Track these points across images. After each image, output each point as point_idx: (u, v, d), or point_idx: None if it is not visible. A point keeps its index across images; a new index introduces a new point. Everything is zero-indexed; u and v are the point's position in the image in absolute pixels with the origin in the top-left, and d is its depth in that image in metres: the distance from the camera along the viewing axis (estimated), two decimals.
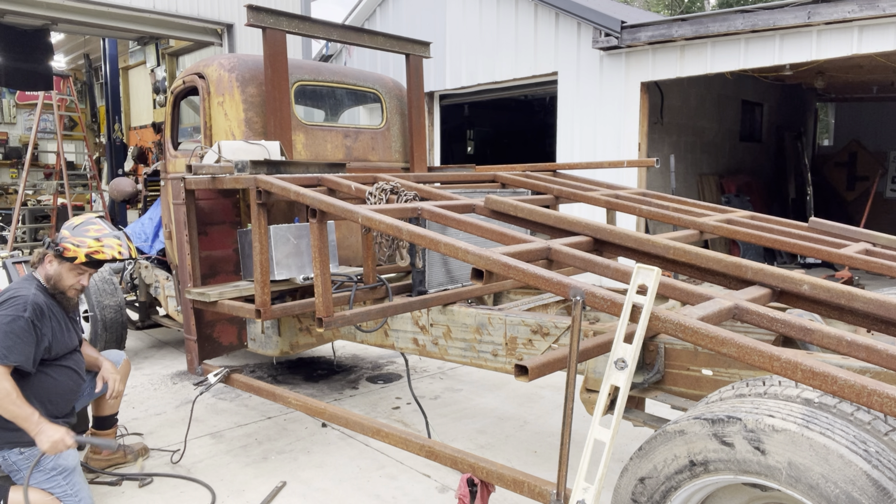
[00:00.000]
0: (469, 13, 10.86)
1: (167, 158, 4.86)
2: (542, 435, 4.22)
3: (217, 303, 3.75)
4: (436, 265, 3.72)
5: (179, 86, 4.75)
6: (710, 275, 2.59)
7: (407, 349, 3.82)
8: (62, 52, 13.46)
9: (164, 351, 6.33)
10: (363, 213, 2.78)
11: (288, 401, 3.62)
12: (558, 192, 4.02)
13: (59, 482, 2.98)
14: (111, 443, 3.52)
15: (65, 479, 3.00)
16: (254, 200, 3.36)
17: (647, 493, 1.99)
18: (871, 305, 2.17)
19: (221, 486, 3.57)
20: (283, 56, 4.36)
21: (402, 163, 5.38)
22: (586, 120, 9.40)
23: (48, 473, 2.96)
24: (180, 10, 9.15)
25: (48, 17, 8.44)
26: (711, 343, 1.87)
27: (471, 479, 2.70)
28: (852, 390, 1.64)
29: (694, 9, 26.08)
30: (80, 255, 3.12)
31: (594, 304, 2.09)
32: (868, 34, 6.92)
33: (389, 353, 6.05)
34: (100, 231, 3.18)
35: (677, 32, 8.08)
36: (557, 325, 3.12)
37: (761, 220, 3.58)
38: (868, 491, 1.59)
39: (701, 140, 11.32)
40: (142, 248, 5.66)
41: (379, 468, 3.76)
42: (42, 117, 11.16)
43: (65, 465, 3.01)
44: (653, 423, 2.74)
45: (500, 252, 2.36)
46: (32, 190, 12.83)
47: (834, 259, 2.91)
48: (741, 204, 11.10)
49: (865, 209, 11.02)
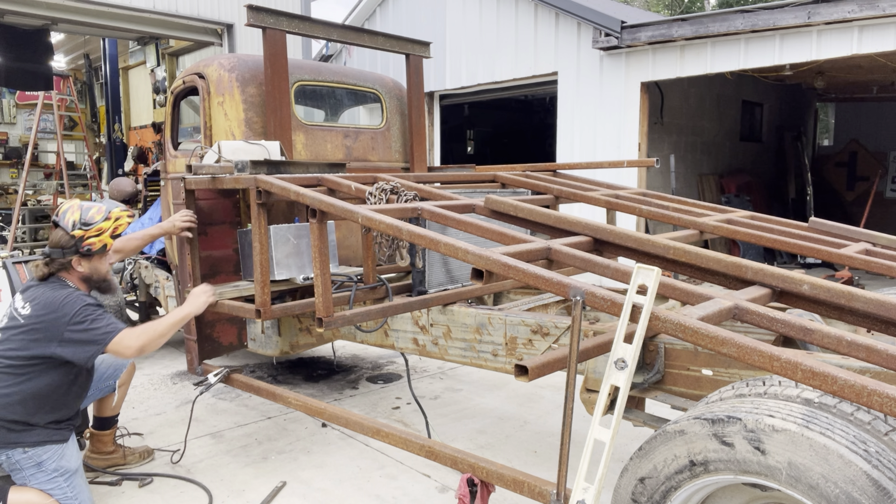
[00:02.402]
0: (469, 13, 10.86)
1: (167, 158, 4.86)
2: (542, 435, 4.22)
3: (217, 303, 3.75)
4: (436, 265, 3.72)
5: (179, 86, 4.74)
6: (710, 275, 2.59)
7: (407, 349, 3.82)
8: (62, 52, 13.45)
9: (164, 351, 6.33)
10: (363, 213, 2.78)
11: (288, 401, 3.62)
12: (558, 192, 4.02)
13: (60, 484, 2.96)
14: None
15: (66, 480, 2.98)
16: (254, 200, 3.36)
17: (647, 493, 1.99)
18: (871, 305, 2.17)
19: (221, 486, 3.57)
20: (283, 56, 4.36)
21: (402, 163, 5.38)
22: (586, 120, 9.40)
23: (50, 474, 2.94)
24: (180, 10, 9.15)
25: (48, 17, 8.43)
26: (711, 343, 1.87)
27: (471, 479, 2.70)
28: (852, 390, 1.64)
29: (694, 9, 26.07)
30: (108, 241, 3.08)
31: (594, 304, 2.09)
32: (868, 34, 6.92)
33: (389, 353, 6.05)
34: (98, 209, 3.10)
35: (677, 32, 8.07)
36: (557, 325, 3.12)
37: (761, 220, 3.58)
38: (868, 491, 1.59)
39: (701, 140, 11.32)
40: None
41: (379, 468, 3.76)
42: (42, 117, 11.16)
43: (67, 466, 2.99)
44: (653, 423, 2.74)
45: (500, 252, 2.36)
46: (32, 190, 12.83)
47: (834, 259, 2.91)
48: (741, 204, 11.09)
49: (865, 209, 11.02)
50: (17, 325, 2.91)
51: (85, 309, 2.91)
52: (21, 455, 2.93)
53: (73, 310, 2.89)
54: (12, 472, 2.98)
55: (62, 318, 2.87)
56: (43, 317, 2.88)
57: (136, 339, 2.98)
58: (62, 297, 2.93)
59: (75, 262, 3.03)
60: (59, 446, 2.99)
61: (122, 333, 2.94)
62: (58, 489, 2.95)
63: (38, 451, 2.93)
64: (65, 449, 3.01)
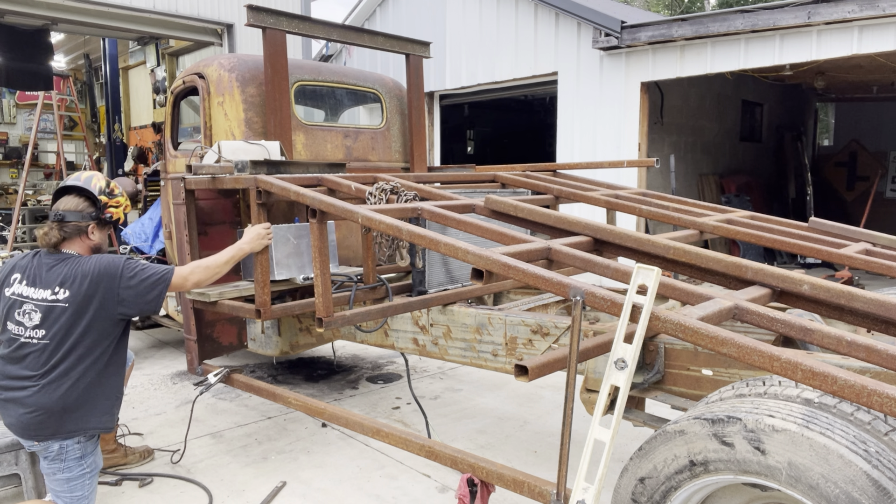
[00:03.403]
0: (469, 13, 10.86)
1: (167, 158, 4.86)
2: (542, 435, 4.22)
3: (217, 303, 3.75)
4: (436, 265, 3.72)
5: (179, 86, 4.74)
6: (710, 275, 2.59)
7: (407, 349, 3.82)
8: (62, 52, 13.44)
9: (164, 351, 6.33)
10: (363, 213, 2.78)
11: (288, 401, 3.62)
12: (558, 192, 4.02)
13: (86, 480, 2.82)
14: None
15: (91, 477, 2.85)
16: (254, 200, 3.36)
17: (647, 493, 1.99)
18: (871, 305, 2.17)
19: (221, 486, 3.57)
20: (283, 56, 4.36)
21: (402, 163, 5.38)
22: (586, 120, 9.40)
23: (85, 469, 2.79)
24: (180, 10, 9.14)
25: (48, 17, 8.43)
26: (711, 343, 1.87)
27: (471, 479, 2.70)
28: (852, 390, 1.64)
29: (694, 9, 26.07)
30: (121, 216, 3.01)
31: (594, 304, 2.09)
32: (868, 34, 6.92)
33: (389, 353, 6.05)
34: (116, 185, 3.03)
35: (677, 32, 8.07)
36: (557, 325, 3.12)
37: (761, 220, 3.58)
38: (868, 491, 1.59)
39: (701, 140, 11.32)
40: (142, 248, 5.65)
41: (379, 468, 3.76)
42: (42, 117, 11.15)
43: (98, 463, 2.88)
44: (653, 423, 2.74)
45: (500, 252, 2.36)
46: (32, 190, 12.82)
47: (834, 259, 2.91)
48: (741, 204, 11.09)
49: (865, 209, 11.02)
50: (61, 311, 2.71)
51: (127, 262, 2.83)
52: (74, 444, 2.76)
53: (117, 269, 2.78)
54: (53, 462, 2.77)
55: (112, 280, 2.75)
56: (89, 288, 2.72)
57: (192, 275, 3.00)
58: (95, 264, 2.78)
59: (91, 230, 2.88)
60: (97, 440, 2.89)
61: (178, 270, 2.94)
62: (81, 486, 2.81)
63: (90, 443, 2.80)
64: (98, 443, 2.91)
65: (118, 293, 2.77)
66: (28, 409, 2.68)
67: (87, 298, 2.73)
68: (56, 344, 2.71)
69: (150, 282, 2.84)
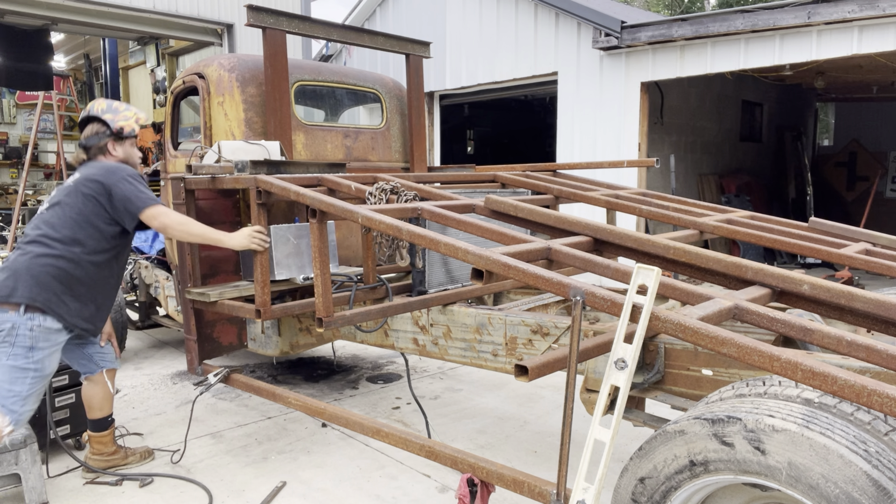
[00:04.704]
0: (469, 13, 10.86)
1: (167, 158, 4.86)
2: (542, 435, 4.22)
3: (217, 303, 3.75)
4: (436, 265, 3.72)
5: (179, 86, 4.74)
6: (710, 275, 2.59)
7: (407, 349, 3.82)
8: (62, 52, 13.45)
9: (164, 351, 6.33)
10: (363, 213, 2.78)
11: (288, 401, 3.62)
12: (558, 192, 4.02)
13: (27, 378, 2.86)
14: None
15: (32, 379, 2.88)
16: (254, 200, 3.36)
17: (647, 493, 1.99)
18: (871, 305, 2.17)
19: (221, 486, 3.57)
20: (283, 56, 4.36)
21: (402, 163, 5.38)
22: (586, 120, 9.40)
23: (28, 362, 2.86)
24: (180, 10, 9.15)
25: (48, 17, 8.44)
26: (711, 343, 1.87)
27: (471, 479, 2.70)
28: (852, 390, 1.64)
29: (694, 9, 26.07)
30: (136, 126, 3.33)
31: (594, 304, 2.09)
32: (868, 34, 6.92)
33: (389, 353, 6.05)
34: (119, 104, 3.38)
35: (677, 32, 8.07)
36: (557, 325, 3.11)
37: (761, 220, 3.58)
38: (868, 491, 1.59)
39: (701, 140, 11.32)
40: (142, 248, 5.66)
41: (379, 468, 3.76)
42: (42, 117, 11.17)
43: (45, 367, 2.95)
44: (653, 423, 2.74)
45: (500, 252, 2.36)
46: (32, 190, 12.83)
47: (834, 259, 2.91)
48: (741, 204, 11.09)
49: (865, 209, 11.02)
50: (71, 189, 3.11)
51: (138, 176, 3.18)
52: (26, 329, 2.84)
53: (128, 171, 3.18)
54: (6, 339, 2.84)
55: (119, 171, 3.14)
56: (97, 172, 3.13)
57: (167, 217, 3.22)
58: (115, 163, 3.23)
59: (111, 146, 3.29)
60: (61, 338, 2.97)
61: (162, 206, 3.20)
62: (22, 381, 2.85)
63: (47, 332, 2.89)
64: (60, 348, 3.02)
65: (116, 183, 3.13)
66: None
67: (93, 177, 3.13)
68: (50, 214, 3.08)
69: (137, 196, 3.14)
